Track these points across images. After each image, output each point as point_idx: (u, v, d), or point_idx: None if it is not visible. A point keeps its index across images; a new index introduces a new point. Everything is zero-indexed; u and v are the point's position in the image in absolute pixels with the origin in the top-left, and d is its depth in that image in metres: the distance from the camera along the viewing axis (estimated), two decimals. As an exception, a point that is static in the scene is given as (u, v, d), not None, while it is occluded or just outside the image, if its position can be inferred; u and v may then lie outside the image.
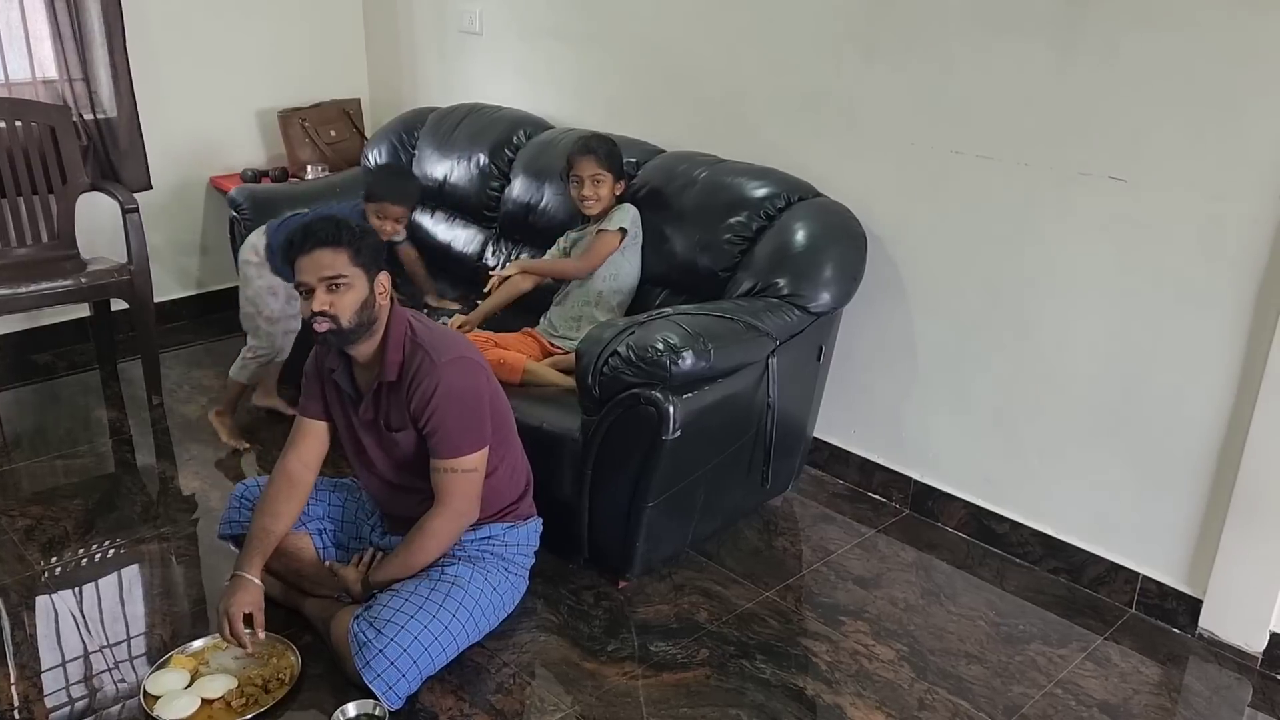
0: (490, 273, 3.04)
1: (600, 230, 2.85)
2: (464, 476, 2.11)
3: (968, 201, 2.58)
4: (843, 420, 3.01)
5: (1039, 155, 2.42)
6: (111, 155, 3.66)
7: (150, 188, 3.73)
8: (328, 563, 2.29)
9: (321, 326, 2.05)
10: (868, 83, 2.71)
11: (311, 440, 2.25)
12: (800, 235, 2.63)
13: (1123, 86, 2.26)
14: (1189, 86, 2.17)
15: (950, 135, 2.57)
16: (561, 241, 3.03)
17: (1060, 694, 2.21)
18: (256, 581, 2.13)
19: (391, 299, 2.15)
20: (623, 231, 2.83)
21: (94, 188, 3.50)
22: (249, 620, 2.09)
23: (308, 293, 2.05)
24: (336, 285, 2.03)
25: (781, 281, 2.58)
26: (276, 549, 2.21)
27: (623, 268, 2.88)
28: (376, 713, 1.98)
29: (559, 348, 2.87)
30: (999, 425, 2.66)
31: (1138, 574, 2.49)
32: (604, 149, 2.83)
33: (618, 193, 2.87)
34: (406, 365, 2.10)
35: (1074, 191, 2.38)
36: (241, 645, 2.09)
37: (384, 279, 2.12)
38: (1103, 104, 2.30)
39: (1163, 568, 2.46)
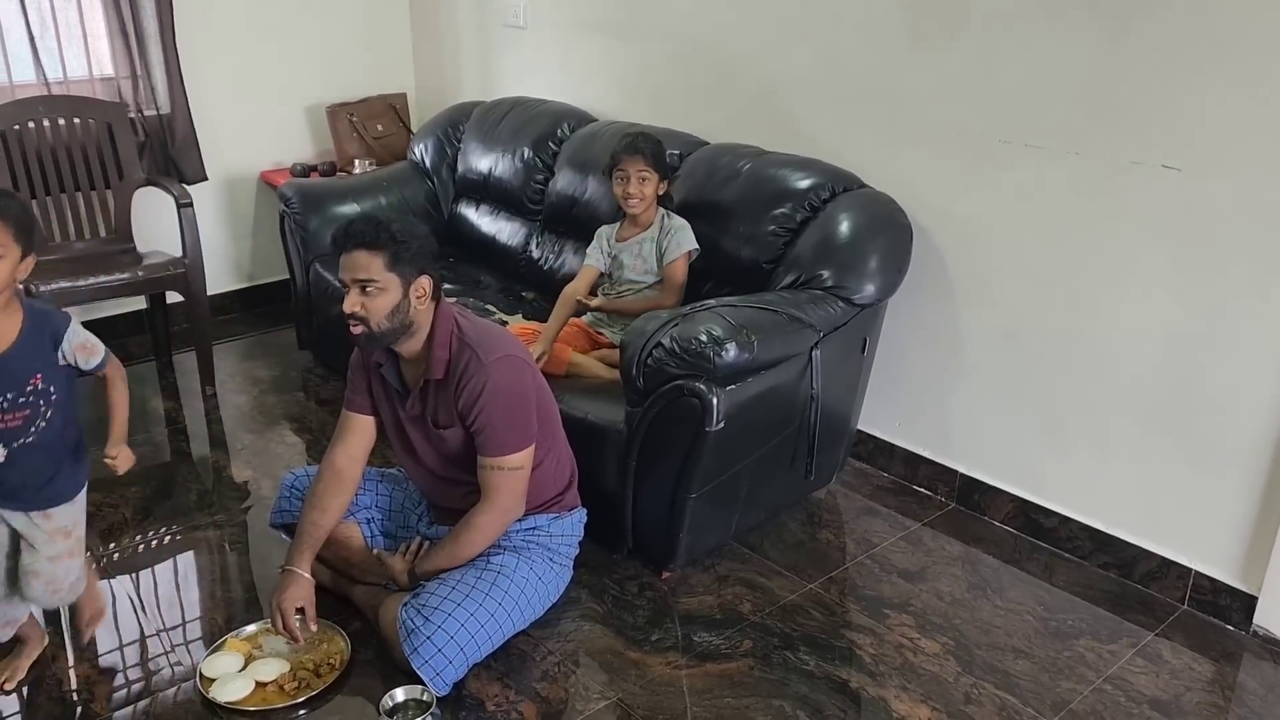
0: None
1: (670, 263, 2.79)
2: (510, 474, 2.13)
3: (1016, 191, 2.55)
4: (887, 413, 3.00)
5: (1090, 144, 2.39)
6: (166, 151, 3.74)
7: (205, 179, 3.81)
8: (375, 550, 2.32)
9: (354, 330, 2.08)
10: (913, 71, 2.68)
11: (358, 434, 2.27)
12: (845, 226, 2.61)
13: (1178, 72, 2.22)
14: (1245, 71, 2.12)
15: (998, 124, 2.54)
16: (603, 244, 2.92)
17: (1109, 690, 2.19)
18: (307, 576, 2.17)
19: (438, 297, 2.16)
20: (689, 254, 2.80)
21: (149, 183, 3.58)
22: (300, 613, 2.14)
23: (346, 291, 2.08)
24: (369, 289, 2.04)
25: (826, 273, 2.56)
26: (326, 538, 2.25)
27: None
28: (424, 698, 2.01)
29: (606, 338, 2.88)
30: (1047, 418, 2.63)
31: (1190, 569, 2.45)
32: (651, 148, 2.78)
33: (661, 192, 2.84)
34: (454, 363, 2.11)
35: (1126, 181, 2.35)
36: (294, 638, 2.14)
37: (424, 283, 2.09)
38: (1157, 90, 2.26)
39: (1216, 563, 2.41)
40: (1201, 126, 2.21)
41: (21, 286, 1.98)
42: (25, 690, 2.16)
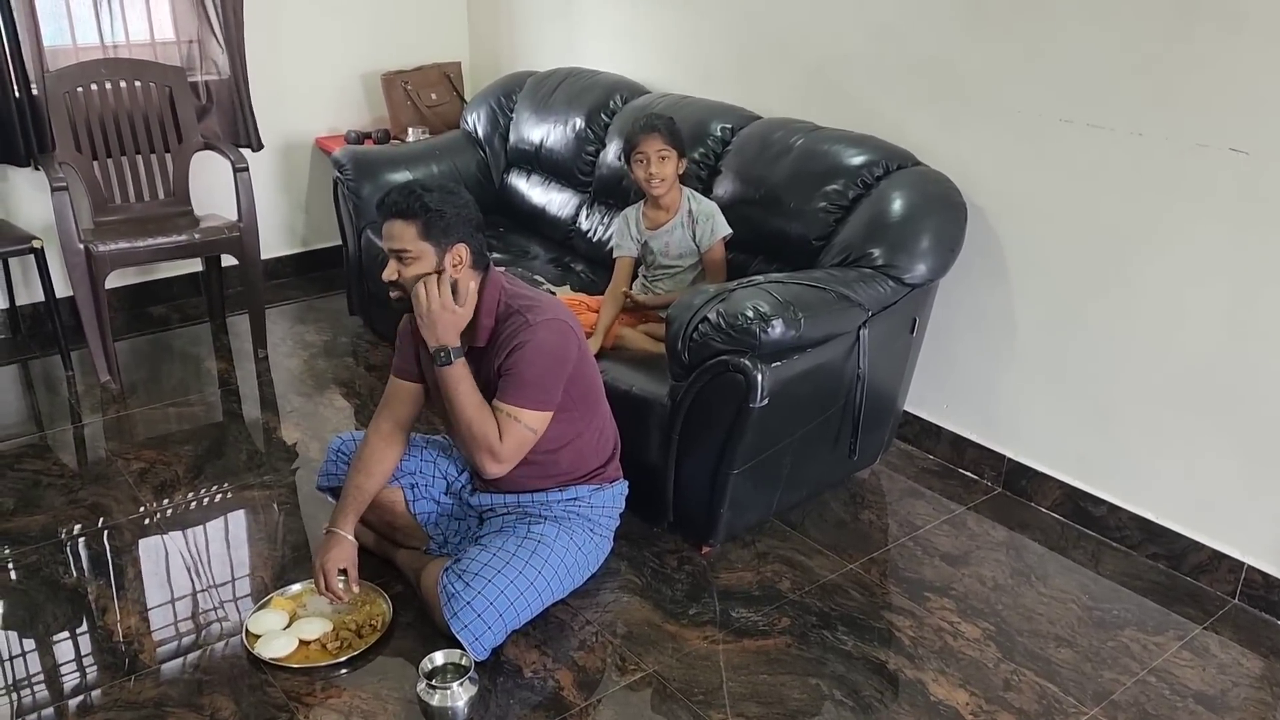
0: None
1: (708, 252, 2.77)
2: (517, 425, 2.10)
3: (1076, 172, 2.49)
4: (934, 394, 2.96)
5: (1154, 125, 2.32)
6: (223, 115, 3.79)
7: (261, 147, 3.86)
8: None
9: (393, 295, 2.12)
10: (973, 47, 2.62)
11: (404, 400, 2.29)
12: (898, 204, 2.57)
13: (1247, 52, 2.14)
14: (1322, 53, 2.05)
15: (1059, 103, 2.48)
16: (631, 230, 2.86)
17: (1154, 682, 2.15)
18: (350, 538, 2.20)
19: (484, 266, 2.15)
20: (725, 240, 2.78)
21: (207, 147, 3.63)
22: (343, 574, 2.18)
23: (386, 259, 2.11)
24: (403, 258, 2.06)
25: (876, 251, 2.53)
26: (373, 503, 2.28)
27: None
28: (463, 662, 2.03)
29: (654, 311, 2.83)
30: (1100, 404, 2.58)
31: (1242, 563, 2.39)
32: (667, 125, 2.74)
33: (680, 171, 2.78)
34: (499, 329, 2.12)
35: (1191, 164, 2.28)
36: (337, 598, 2.18)
37: (460, 250, 2.07)
38: (1225, 71, 2.18)
39: (1270, 558, 2.36)
40: (1272, 109, 2.13)
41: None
42: (78, 641, 2.23)
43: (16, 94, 3.37)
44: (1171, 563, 2.52)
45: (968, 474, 2.91)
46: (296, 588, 2.33)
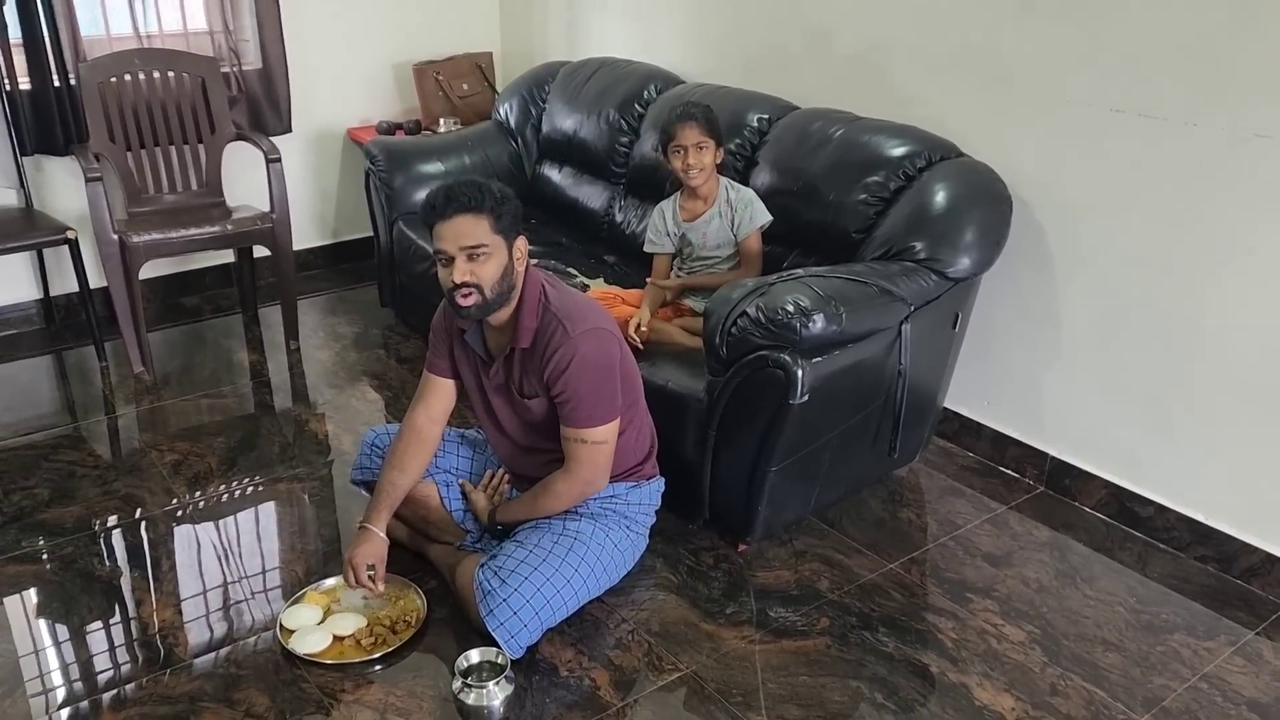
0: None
1: (746, 238, 2.71)
2: (594, 448, 2.10)
3: (1127, 164, 2.42)
4: (976, 391, 2.90)
5: (1210, 115, 2.25)
6: (256, 106, 3.78)
7: (290, 131, 3.84)
8: (460, 481, 2.34)
9: (467, 300, 2.01)
10: (1021, 34, 2.56)
11: (438, 396, 2.26)
12: (940, 197, 2.52)
13: (1311, 40, 2.07)
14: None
15: (1110, 92, 2.41)
16: (667, 225, 2.81)
17: (1205, 689, 2.09)
18: (381, 535, 2.19)
19: (526, 262, 2.12)
20: (763, 229, 2.72)
21: (240, 137, 3.62)
22: (372, 570, 2.17)
23: (448, 261, 2.01)
24: (477, 254, 1.99)
25: (919, 244, 2.47)
26: (407, 498, 2.26)
27: None
28: (499, 660, 2.01)
29: (688, 305, 2.82)
30: (1149, 403, 2.51)
31: (1296, 567, 2.33)
32: (704, 113, 2.67)
33: (719, 160, 2.73)
34: (541, 332, 2.07)
35: (1248, 155, 2.20)
36: (369, 590, 2.17)
37: (521, 244, 2.05)
38: (1287, 59, 2.11)
39: (1325, 562, 2.29)
40: (1337, 97, 2.06)
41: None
42: (112, 633, 2.22)
43: (55, 82, 3.37)
44: (1222, 565, 2.45)
45: (1009, 472, 2.85)
46: (330, 582, 2.31)
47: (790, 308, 2.20)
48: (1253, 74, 2.16)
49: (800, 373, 2.20)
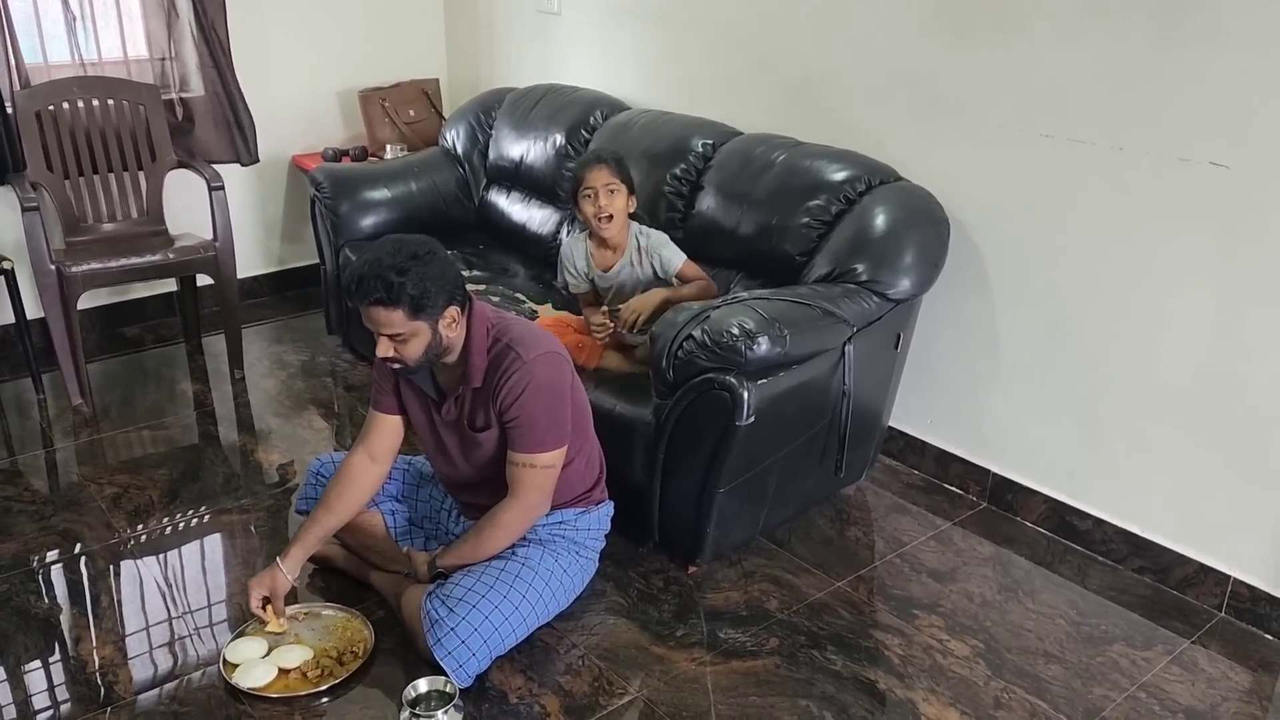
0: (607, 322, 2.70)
1: (680, 273, 2.69)
2: (541, 472, 2.10)
3: (1058, 187, 2.49)
4: (919, 409, 2.95)
5: (1135, 139, 2.33)
6: (197, 133, 3.74)
7: (257, 160, 3.82)
8: (405, 549, 2.31)
9: (395, 367, 2.06)
10: (954, 63, 2.63)
11: (382, 434, 2.24)
12: (880, 220, 2.57)
13: (1229, 67, 2.15)
14: (1301, 67, 2.06)
15: (1040, 118, 2.48)
16: (573, 267, 2.77)
17: (1144, 698, 2.14)
18: (284, 571, 2.19)
19: (469, 306, 2.08)
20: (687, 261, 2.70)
21: (181, 165, 3.58)
22: (266, 602, 2.18)
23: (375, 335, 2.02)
24: (396, 339, 1.99)
25: (860, 267, 2.52)
26: (349, 525, 2.25)
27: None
28: (447, 689, 1.99)
29: (632, 345, 2.73)
30: (1085, 419, 2.58)
31: (1229, 576, 2.39)
32: (614, 157, 2.67)
33: (631, 209, 2.69)
34: (492, 365, 2.07)
35: (1172, 178, 2.28)
36: (260, 621, 2.17)
37: (452, 312, 2.01)
38: (1206, 86, 2.19)
39: (1256, 570, 2.36)
40: (1252, 124, 2.14)
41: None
42: (50, 671, 2.17)
43: (-6, 111, 3.32)
44: (1158, 576, 2.51)
45: (953, 489, 2.90)
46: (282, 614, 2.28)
47: (735, 330, 2.23)
48: (1175, 101, 2.25)
49: (746, 394, 2.22)
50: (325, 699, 2.07)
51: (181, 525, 2.69)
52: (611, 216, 2.64)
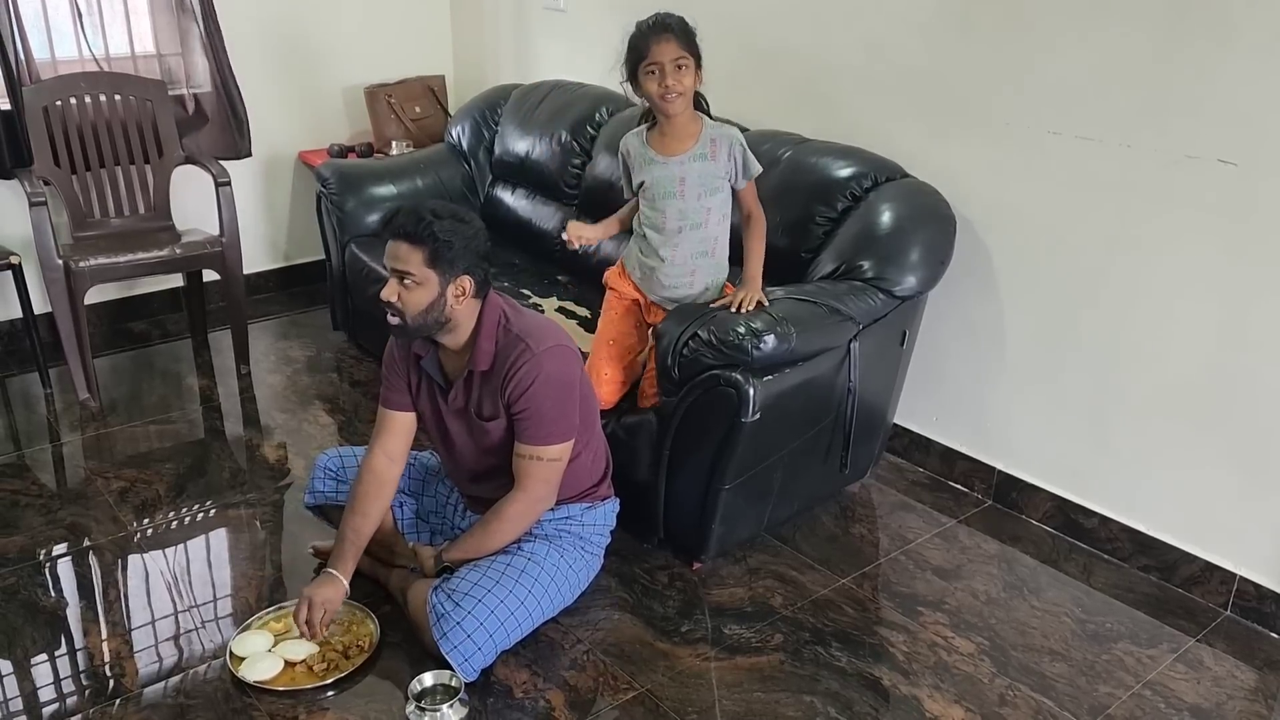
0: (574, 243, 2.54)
1: (744, 189, 2.40)
2: (547, 465, 2.11)
3: (1065, 185, 2.49)
4: (925, 407, 2.95)
5: (1143, 137, 2.32)
6: (205, 129, 3.75)
7: (249, 154, 3.82)
8: (411, 544, 2.31)
9: (391, 320, 2.06)
10: (962, 60, 2.63)
11: (396, 432, 2.23)
12: (887, 217, 2.56)
13: (1237, 64, 2.15)
14: (1309, 65, 2.05)
15: (1048, 115, 2.48)
16: (638, 158, 2.42)
17: (1149, 696, 2.14)
18: (344, 583, 2.15)
19: (485, 293, 2.11)
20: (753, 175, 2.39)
21: (188, 161, 3.59)
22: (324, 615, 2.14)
23: (388, 277, 2.05)
24: (405, 281, 2.00)
25: (866, 264, 2.52)
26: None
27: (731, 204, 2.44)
28: (452, 684, 2.00)
29: (664, 310, 2.47)
30: (1090, 417, 2.58)
31: (1234, 574, 2.39)
32: (680, 25, 2.27)
33: (699, 84, 2.33)
34: (501, 354, 2.08)
35: (1180, 175, 2.28)
36: (308, 633, 2.12)
37: (464, 282, 2.02)
38: (1214, 83, 2.19)
39: (1262, 569, 2.35)
40: (1261, 121, 2.14)
41: None
42: (57, 664, 2.18)
43: (1, 106, 3.32)
44: (1163, 575, 2.51)
45: (958, 487, 2.90)
46: (288, 605, 2.28)
47: (742, 329, 2.23)
48: (1182, 99, 2.24)
49: (752, 391, 2.22)
50: (331, 692, 2.08)
51: (188, 519, 2.70)
52: (680, 95, 2.30)
